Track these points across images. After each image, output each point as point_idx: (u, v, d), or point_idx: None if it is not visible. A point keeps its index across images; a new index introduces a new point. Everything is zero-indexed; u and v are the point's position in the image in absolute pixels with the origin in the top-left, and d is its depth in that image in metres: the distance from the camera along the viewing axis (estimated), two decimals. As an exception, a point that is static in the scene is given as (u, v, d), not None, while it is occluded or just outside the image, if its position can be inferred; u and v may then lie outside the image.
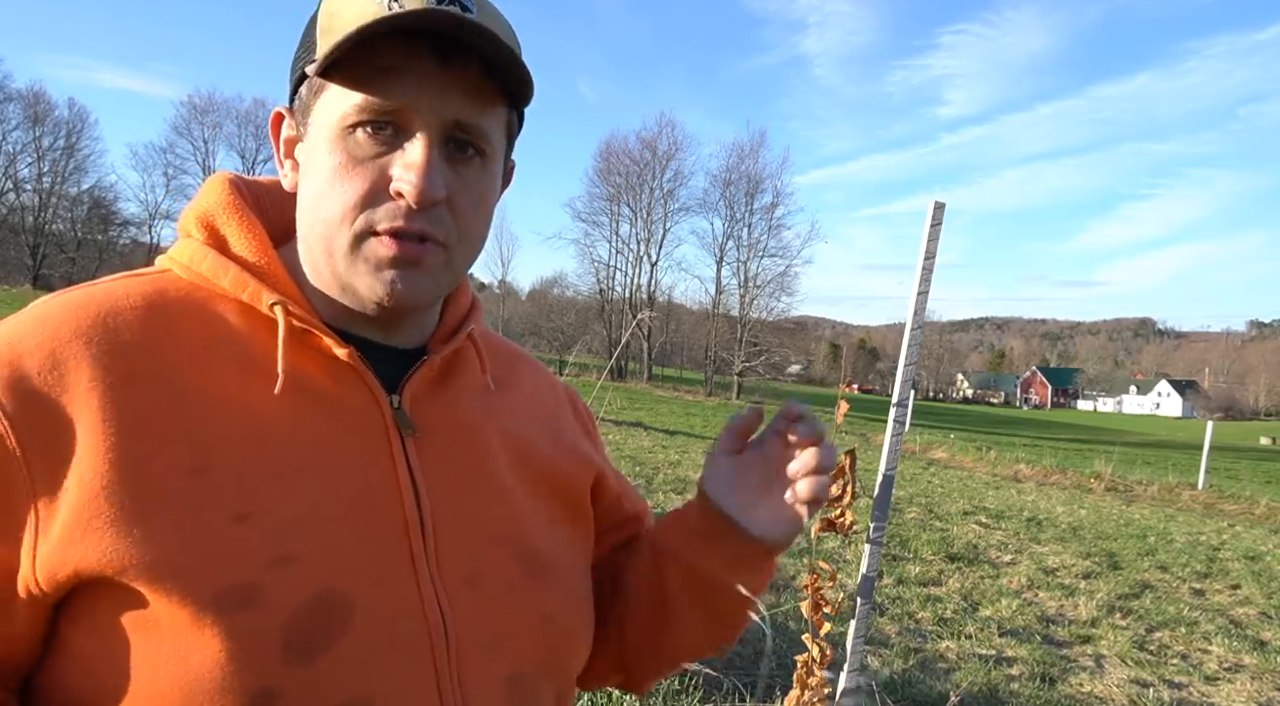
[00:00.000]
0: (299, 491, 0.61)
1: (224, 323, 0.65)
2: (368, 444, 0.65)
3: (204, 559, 0.56)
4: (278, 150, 0.70)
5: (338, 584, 0.59)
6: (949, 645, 4.37)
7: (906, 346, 2.64)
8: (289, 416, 0.63)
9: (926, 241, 2.55)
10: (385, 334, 0.71)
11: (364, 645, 0.59)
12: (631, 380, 47.97)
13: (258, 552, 0.57)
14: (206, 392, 0.61)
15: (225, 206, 0.69)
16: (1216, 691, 4.14)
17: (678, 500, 7.67)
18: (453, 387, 0.74)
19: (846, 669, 2.55)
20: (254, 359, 0.63)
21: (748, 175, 52.06)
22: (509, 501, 0.73)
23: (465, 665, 0.64)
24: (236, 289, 0.65)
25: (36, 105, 52.48)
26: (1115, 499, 12.85)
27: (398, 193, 0.62)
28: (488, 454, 0.73)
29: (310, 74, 0.63)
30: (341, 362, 0.65)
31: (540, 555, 0.73)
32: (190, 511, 0.57)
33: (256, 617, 0.56)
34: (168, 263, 0.68)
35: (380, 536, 0.63)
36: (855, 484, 2.42)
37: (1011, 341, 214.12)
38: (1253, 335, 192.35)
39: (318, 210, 0.64)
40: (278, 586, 0.57)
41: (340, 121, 0.62)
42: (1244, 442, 54.72)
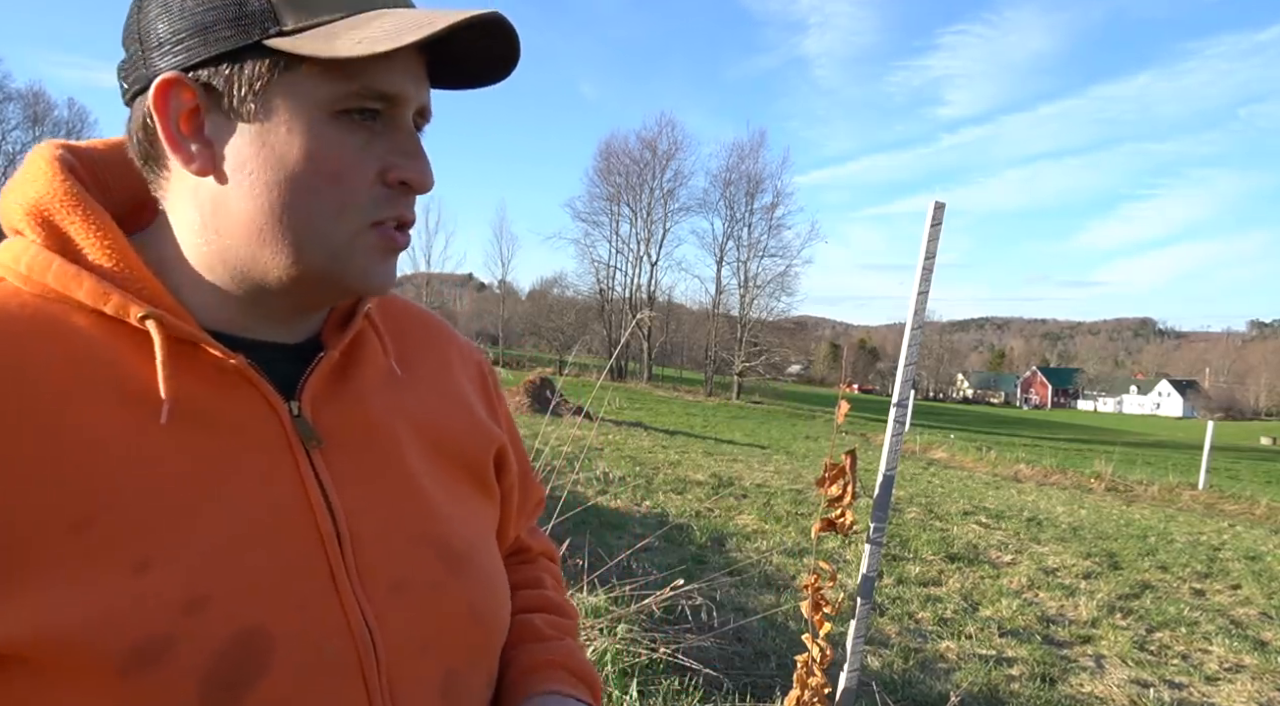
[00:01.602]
0: (202, 526, 0.54)
1: (86, 342, 0.55)
2: (270, 461, 0.59)
3: (104, 620, 0.49)
4: (167, 126, 0.57)
5: (255, 619, 0.54)
6: (949, 645, 4.36)
7: (906, 346, 2.64)
8: (179, 445, 0.55)
9: (927, 241, 2.55)
10: (276, 331, 0.64)
11: (289, 677, 0.55)
12: (631, 380, 47.96)
13: (167, 601, 0.51)
14: (79, 430, 0.52)
15: (62, 197, 0.58)
16: (1217, 691, 4.14)
17: (677, 500, 7.67)
18: (355, 381, 0.68)
19: (846, 669, 2.54)
20: (129, 383, 0.55)
21: (748, 175, 52.09)
22: (425, 497, 0.69)
23: (397, 675, 0.61)
24: (95, 301, 0.55)
25: (36, 105, 52.55)
26: (1115, 499, 12.84)
27: (402, 182, 0.60)
28: (399, 450, 0.68)
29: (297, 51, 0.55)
30: (230, 372, 0.59)
31: (460, 547, 0.69)
32: (80, 570, 0.49)
33: (167, 673, 0.50)
34: (2, 269, 0.57)
35: (296, 559, 0.58)
36: (855, 484, 2.42)
37: (1011, 341, 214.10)
38: (1253, 335, 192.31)
39: (307, 198, 0.58)
40: (191, 634, 0.52)
41: (327, 105, 0.57)
42: (1244, 442, 54.71)
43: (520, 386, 17.26)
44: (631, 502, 7.30)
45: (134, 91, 0.59)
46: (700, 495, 8.12)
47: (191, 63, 0.56)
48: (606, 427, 14.79)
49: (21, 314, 0.55)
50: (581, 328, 55.39)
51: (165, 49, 0.57)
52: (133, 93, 0.59)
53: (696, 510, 7.30)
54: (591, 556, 4.40)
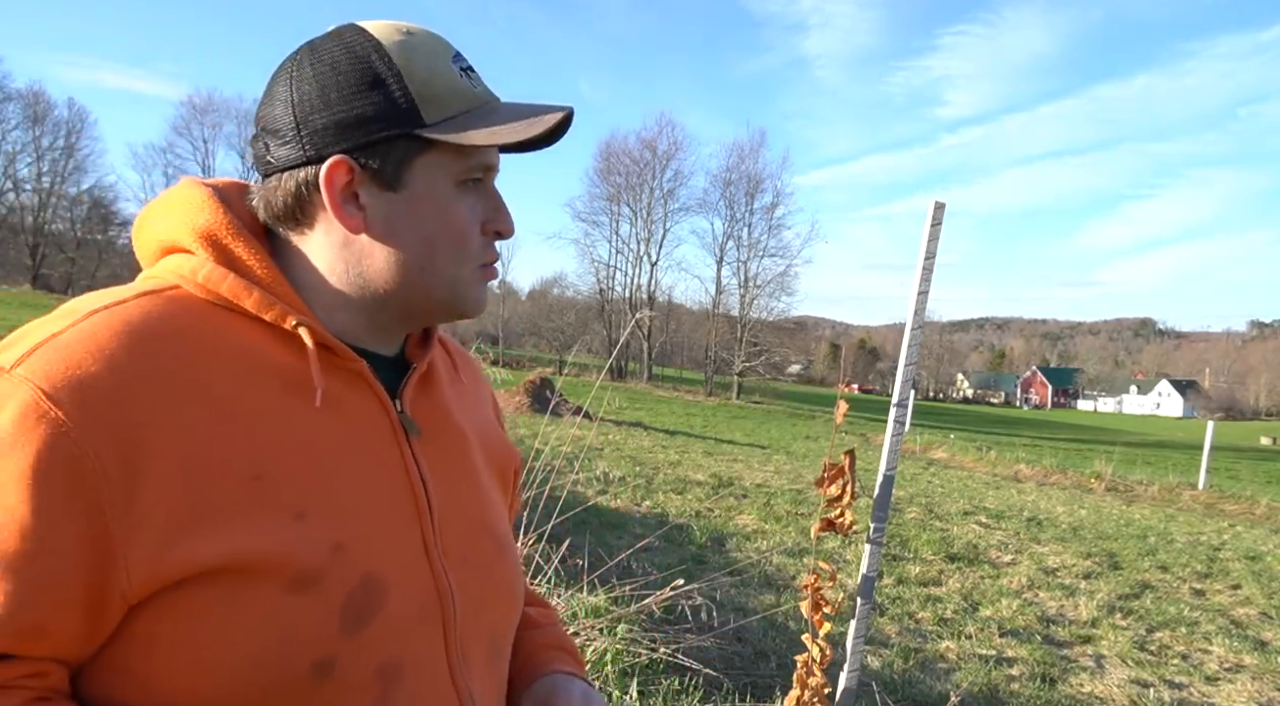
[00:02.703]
0: (339, 488, 0.70)
1: (251, 340, 0.71)
2: (384, 446, 0.75)
3: (276, 551, 0.64)
4: (333, 196, 0.72)
5: (376, 567, 0.70)
6: (949, 645, 4.36)
7: (906, 346, 2.63)
8: (324, 424, 0.71)
9: (927, 241, 2.55)
10: (377, 345, 0.80)
11: (396, 618, 0.70)
12: (631, 380, 47.95)
13: (318, 543, 0.67)
14: (251, 405, 0.68)
15: (228, 226, 0.73)
16: (1217, 691, 4.14)
17: (677, 500, 7.67)
18: (434, 387, 0.85)
19: (846, 669, 2.54)
20: (284, 374, 0.71)
21: (748, 175, 52.05)
22: (483, 488, 0.86)
23: (464, 631, 0.77)
24: (260, 310, 0.71)
25: (36, 105, 52.53)
26: (1115, 499, 12.84)
27: (498, 232, 0.79)
28: (468, 446, 0.86)
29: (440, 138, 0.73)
30: (353, 374, 0.75)
31: (503, 535, 0.87)
32: (259, 512, 0.65)
33: (319, 598, 0.66)
34: (175, 279, 0.72)
35: (402, 525, 0.74)
36: (855, 484, 2.42)
37: (1011, 341, 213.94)
38: (1253, 335, 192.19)
39: (443, 249, 0.76)
40: (335, 571, 0.67)
41: (456, 176, 0.75)
42: (1244, 442, 54.70)
43: (520, 386, 17.24)
44: (631, 502, 7.30)
45: (287, 166, 0.73)
46: (700, 495, 8.12)
47: (353, 147, 0.72)
48: (606, 427, 14.79)
49: (202, 317, 0.70)
50: (581, 328, 55.37)
51: (328, 135, 0.72)
52: (285, 166, 0.73)
53: (696, 510, 7.30)
54: (591, 556, 4.40)
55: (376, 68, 0.71)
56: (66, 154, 53.60)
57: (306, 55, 0.73)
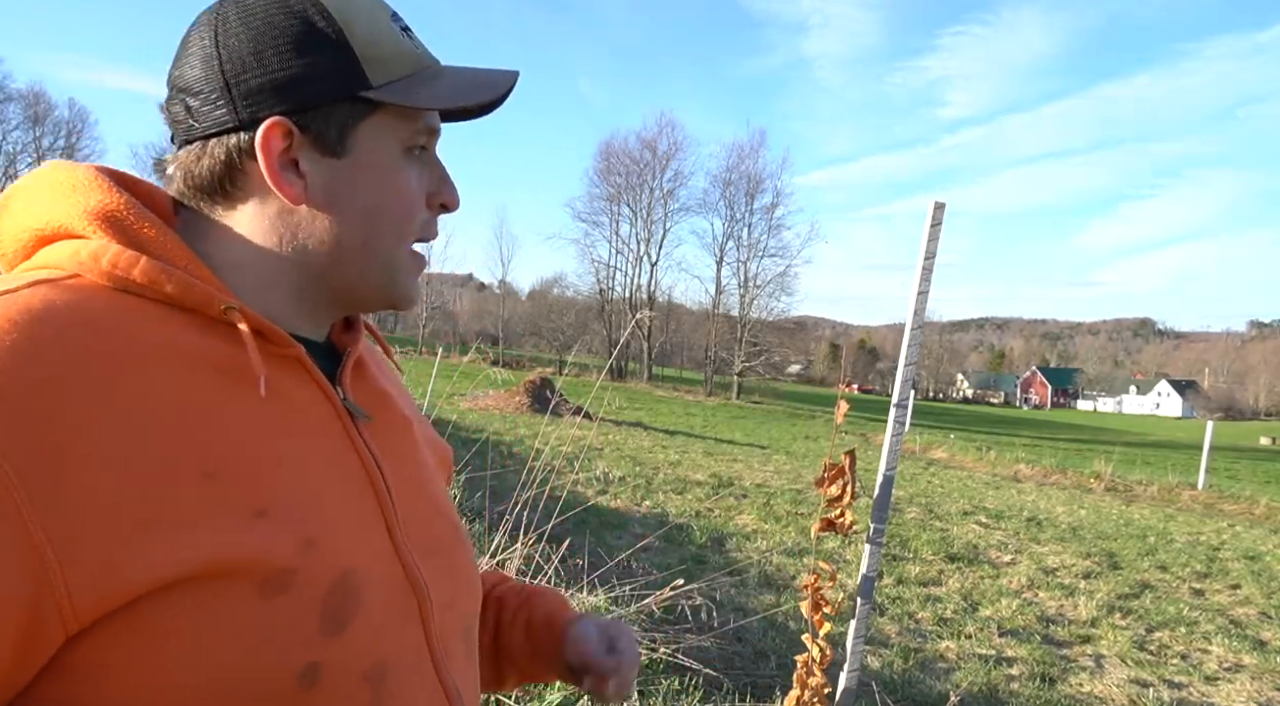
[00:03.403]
0: (298, 483, 0.64)
1: (176, 330, 0.63)
2: (332, 434, 0.70)
3: (243, 554, 0.58)
4: (269, 160, 0.66)
5: (350, 562, 0.65)
6: (949, 645, 4.36)
7: (906, 346, 2.64)
8: (268, 416, 0.65)
9: (927, 241, 2.55)
10: (308, 328, 0.74)
11: (376, 616, 0.65)
12: (631, 380, 47.96)
13: (285, 541, 0.61)
14: (190, 401, 0.60)
15: (128, 206, 0.65)
16: (1216, 691, 4.14)
17: (677, 500, 7.68)
18: (368, 374, 0.80)
19: (846, 669, 2.54)
20: (220, 364, 0.63)
21: (748, 175, 52.13)
22: (433, 475, 0.82)
23: (439, 622, 0.73)
24: (182, 295, 0.63)
25: (36, 105, 52.56)
26: (1115, 499, 12.84)
27: (443, 205, 0.73)
28: (411, 432, 0.81)
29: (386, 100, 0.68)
30: (290, 360, 0.69)
31: (457, 521, 0.83)
32: (216, 513, 0.58)
33: (296, 599, 0.60)
34: (73, 266, 0.62)
35: (366, 516, 0.69)
36: (855, 484, 2.42)
37: (1011, 341, 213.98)
38: (1253, 335, 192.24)
39: (384, 222, 0.70)
40: (308, 569, 0.61)
41: (404, 142, 0.70)
42: (1244, 442, 54.70)
43: (520, 386, 17.24)
44: (631, 502, 7.30)
45: (215, 130, 0.66)
46: (700, 495, 8.13)
47: (292, 109, 0.66)
48: (606, 427, 14.79)
49: (114, 304, 0.61)
50: (581, 328, 55.40)
51: (264, 96, 0.65)
52: (212, 131, 0.66)
53: (696, 510, 7.30)
54: (591, 556, 4.40)
55: (317, 24, 0.66)
56: (67, 154, 53.62)
57: (232, 7, 0.66)
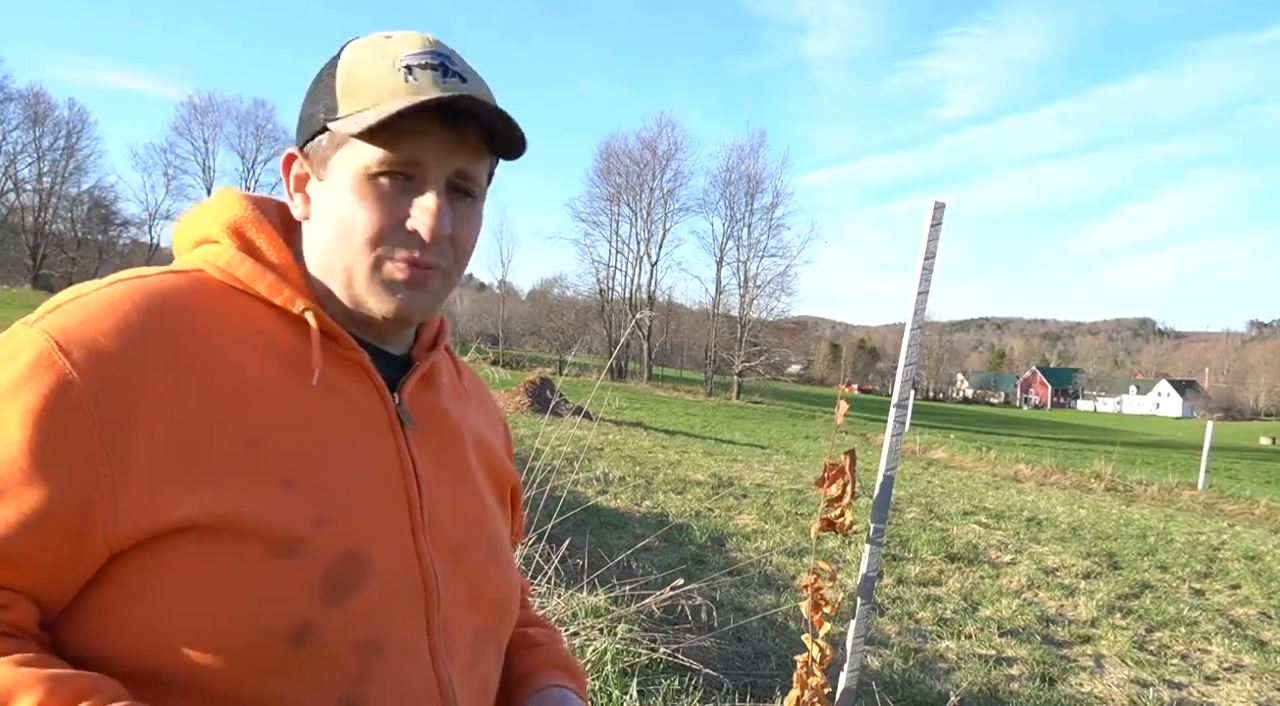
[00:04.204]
0: (330, 465, 0.74)
1: (260, 321, 0.76)
2: (378, 433, 0.79)
3: (263, 515, 0.68)
4: (288, 184, 0.82)
5: (361, 544, 0.72)
6: (949, 645, 4.36)
7: (906, 346, 2.63)
8: (321, 403, 0.75)
9: (927, 241, 2.55)
10: (382, 342, 0.84)
11: (378, 595, 0.73)
12: (631, 380, 47.93)
13: (304, 512, 0.70)
14: (253, 379, 0.72)
15: (253, 219, 0.80)
16: (1216, 691, 4.14)
17: (677, 500, 7.67)
18: (436, 390, 0.88)
19: (846, 669, 2.54)
20: (288, 354, 0.75)
21: (748, 175, 52.08)
22: (479, 491, 0.89)
23: (449, 618, 0.79)
24: (272, 293, 0.76)
25: (36, 105, 52.51)
26: (1115, 499, 12.84)
27: (413, 230, 0.76)
28: (464, 448, 0.89)
29: (335, 130, 0.75)
30: (354, 363, 0.79)
31: (498, 538, 0.89)
32: (250, 474, 0.69)
33: (301, 565, 0.68)
34: (201, 264, 0.78)
35: (391, 510, 0.77)
36: (855, 484, 2.42)
37: (1011, 341, 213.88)
38: (1253, 335, 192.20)
39: (342, 239, 0.77)
40: (319, 540, 0.70)
41: (364, 170, 0.75)
42: (1244, 443, 54.69)
43: (520, 386, 17.23)
44: (631, 502, 7.29)
45: None
46: (700, 495, 8.12)
47: (303, 142, 0.80)
48: (606, 427, 14.78)
49: (218, 295, 0.76)
50: (581, 327, 55.35)
51: (298, 133, 0.81)
52: None
53: (696, 510, 7.30)
54: (591, 556, 4.40)
55: (327, 72, 0.79)
56: (67, 154, 53.66)
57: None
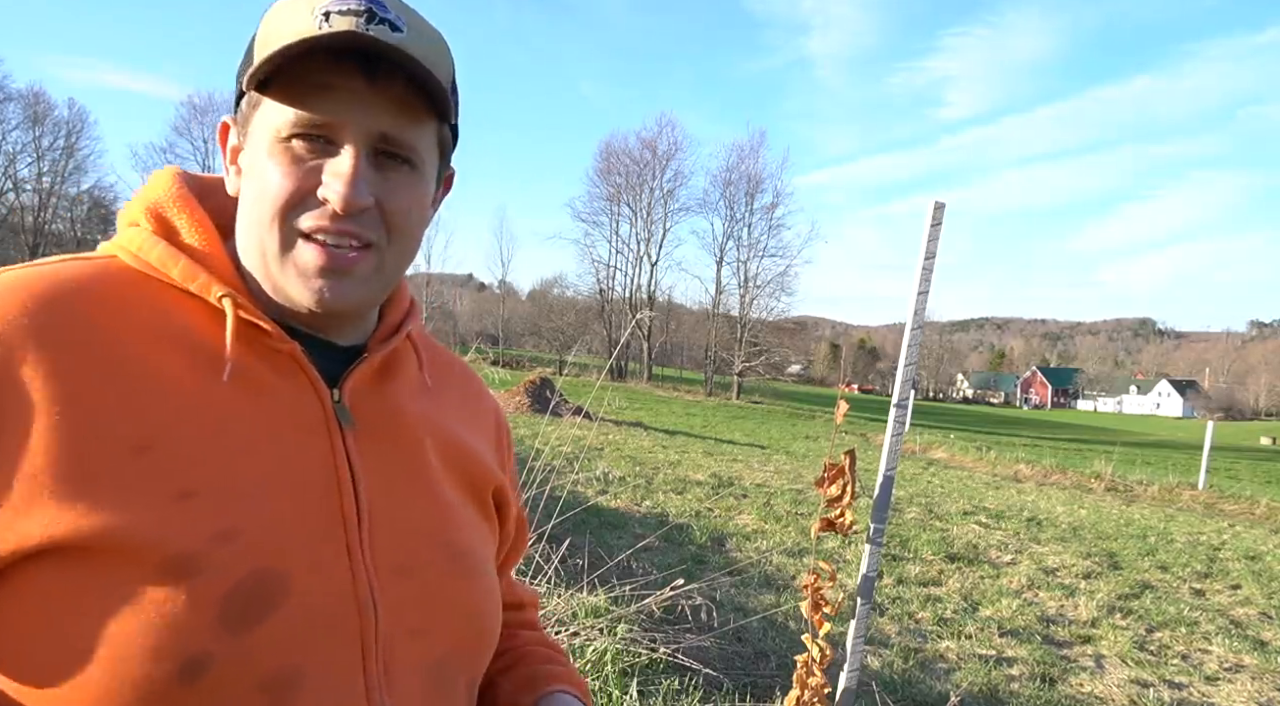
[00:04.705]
0: (241, 474, 0.64)
1: (171, 311, 0.67)
2: (308, 435, 0.69)
3: (147, 532, 0.58)
4: (225, 157, 0.74)
5: (276, 562, 0.62)
6: (949, 645, 4.36)
7: (906, 346, 2.63)
8: (234, 403, 0.65)
9: (927, 241, 2.55)
10: (327, 332, 0.74)
11: (296, 621, 0.62)
12: (631, 380, 47.94)
13: (201, 526, 0.60)
14: (153, 375, 0.63)
15: (174, 198, 0.71)
16: (1217, 691, 4.14)
17: (677, 500, 7.67)
18: (391, 384, 0.78)
19: (846, 669, 2.54)
20: (201, 347, 0.66)
21: (748, 175, 52.10)
22: (439, 497, 0.77)
23: (392, 649, 0.68)
24: (185, 279, 0.67)
25: (36, 105, 52.50)
26: (1115, 499, 12.84)
27: (324, 199, 0.66)
28: (421, 449, 0.77)
29: (245, 89, 0.67)
30: (284, 356, 0.69)
31: (464, 550, 0.77)
32: (135, 486, 0.59)
33: (195, 587, 0.58)
34: (114, 249, 0.70)
35: (318, 522, 0.66)
36: (855, 484, 2.42)
37: (1011, 341, 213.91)
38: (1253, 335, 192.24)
39: (253, 212, 0.68)
40: (219, 559, 0.60)
41: (275, 133, 0.66)
42: (1244, 443, 54.68)
43: (520, 386, 17.24)
44: (631, 502, 7.29)
45: None
46: (700, 495, 8.12)
47: (234, 106, 0.71)
48: (606, 427, 14.78)
49: (123, 282, 0.67)
50: (581, 328, 55.35)
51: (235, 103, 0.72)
52: None
53: (696, 510, 7.30)
54: (591, 556, 4.40)
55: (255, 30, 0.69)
56: (66, 154, 53.66)
57: None
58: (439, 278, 67.16)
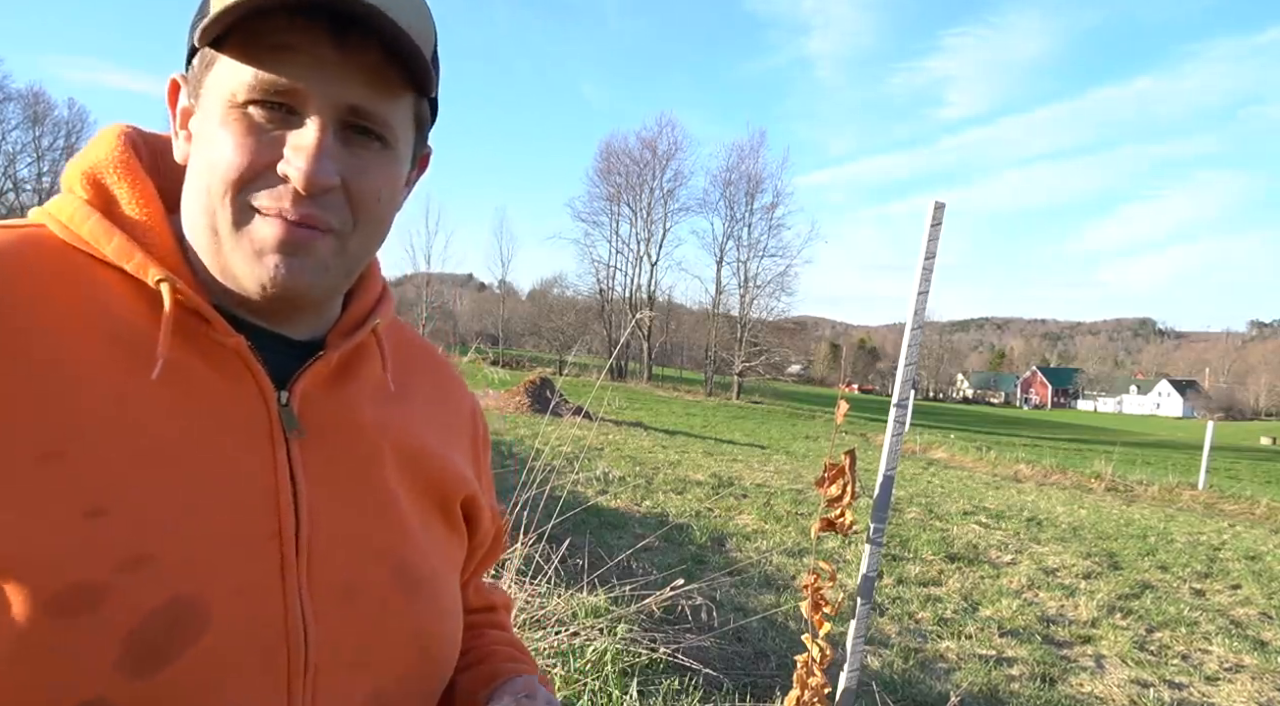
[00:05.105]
0: (164, 487, 0.55)
1: (100, 293, 0.58)
2: (247, 442, 0.60)
3: (44, 555, 0.50)
4: (173, 119, 0.64)
5: (195, 590, 0.54)
6: (949, 645, 4.36)
7: (906, 346, 2.63)
8: (163, 405, 0.57)
9: (927, 241, 2.55)
10: (279, 323, 0.65)
11: (214, 658, 0.55)
12: (631, 380, 47.95)
13: (108, 551, 0.52)
14: (71, 369, 0.54)
15: (117, 163, 0.63)
16: (1217, 691, 4.14)
17: (677, 500, 7.67)
18: (349, 386, 0.69)
19: (846, 669, 2.54)
20: (131, 337, 0.57)
21: (748, 175, 52.08)
22: (393, 512, 0.69)
23: (323, 682, 0.61)
24: (120, 258, 0.59)
25: (36, 105, 52.53)
26: (1115, 499, 12.83)
27: (285, 176, 0.58)
28: (377, 460, 0.69)
29: (199, 44, 0.58)
30: (228, 352, 0.61)
31: (418, 570, 0.69)
32: (36, 502, 0.51)
33: (95, 623, 0.51)
34: (43, 217, 0.61)
35: (248, 541, 0.58)
36: (855, 484, 2.42)
37: (1011, 341, 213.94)
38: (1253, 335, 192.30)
39: (200, 184, 0.59)
40: (126, 590, 0.52)
41: (230, 96, 0.58)
42: (1244, 443, 54.67)
43: (520, 386, 17.24)
44: (631, 502, 7.29)
45: None
46: (700, 495, 8.12)
47: (186, 62, 0.63)
48: (606, 427, 14.78)
49: (47, 256, 0.58)
50: (581, 328, 55.35)
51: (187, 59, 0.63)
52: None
53: (696, 510, 7.30)
54: (591, 556, 4.41)
55: None
56: (66, 154, 53.59)
57: None
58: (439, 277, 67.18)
